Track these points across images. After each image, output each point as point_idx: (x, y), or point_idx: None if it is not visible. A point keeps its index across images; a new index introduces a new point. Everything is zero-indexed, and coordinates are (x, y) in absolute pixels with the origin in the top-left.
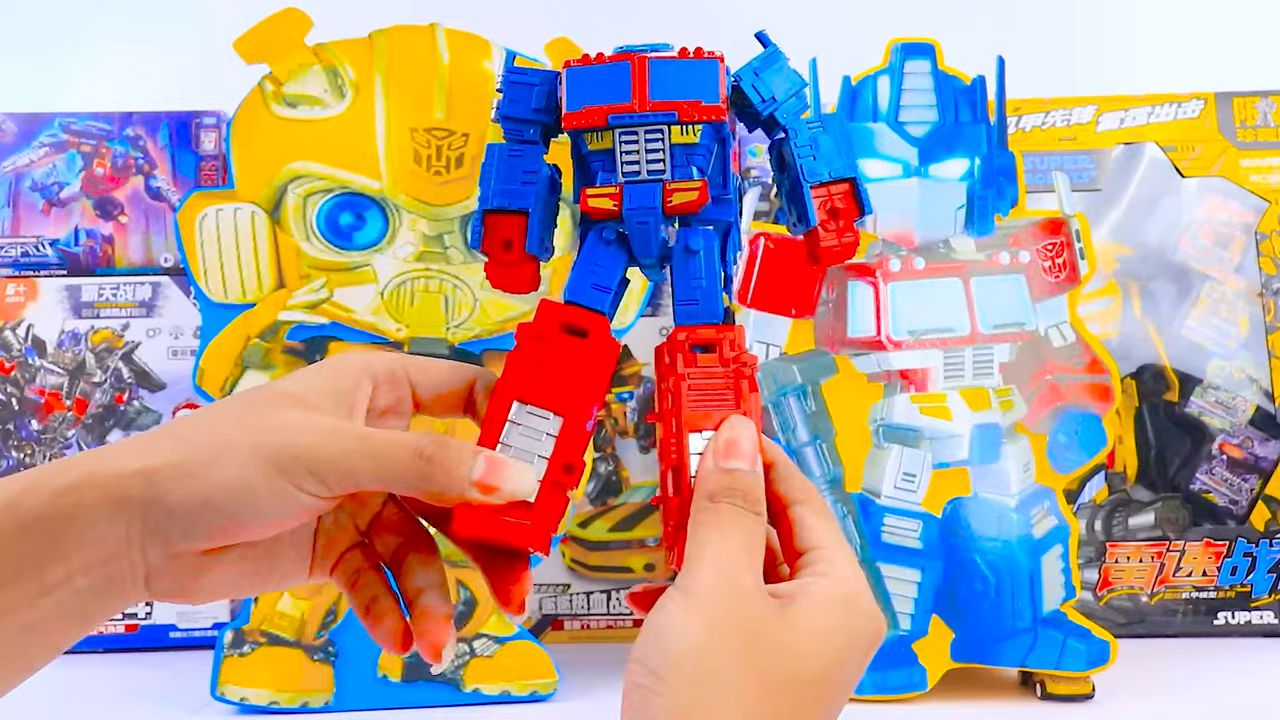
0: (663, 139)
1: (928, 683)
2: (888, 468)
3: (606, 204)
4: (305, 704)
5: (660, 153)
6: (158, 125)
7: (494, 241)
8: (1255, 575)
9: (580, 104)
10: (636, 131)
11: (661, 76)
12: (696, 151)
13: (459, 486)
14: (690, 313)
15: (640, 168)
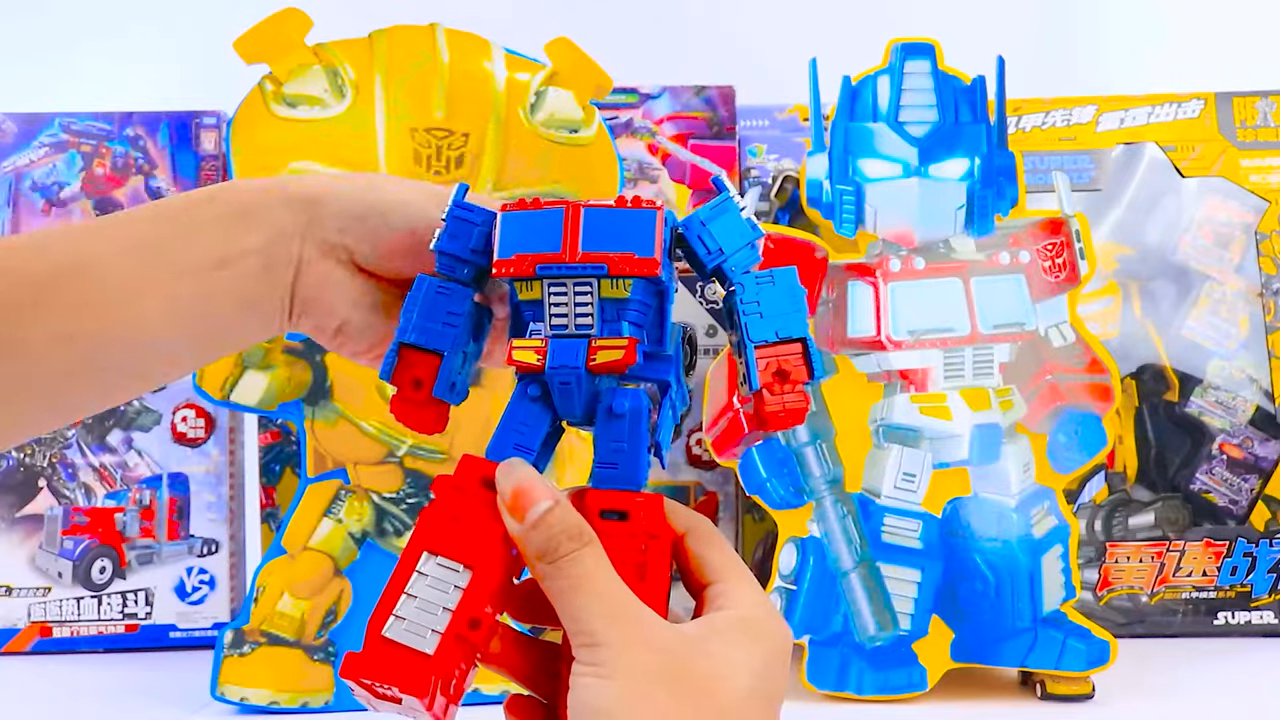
0: (592, 292)
1: (928, 683)
2: (888, 468)
3: (531, 358)
4: (305, 704)
5: (589, 306)
6: (158, 125)
7: (404, 377)
8: (1255, 575)
9: (511, 251)
10: (565, 283)
11: (595, 226)
12: (628, 306)
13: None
14: (608, 476)
15: (569, 321)
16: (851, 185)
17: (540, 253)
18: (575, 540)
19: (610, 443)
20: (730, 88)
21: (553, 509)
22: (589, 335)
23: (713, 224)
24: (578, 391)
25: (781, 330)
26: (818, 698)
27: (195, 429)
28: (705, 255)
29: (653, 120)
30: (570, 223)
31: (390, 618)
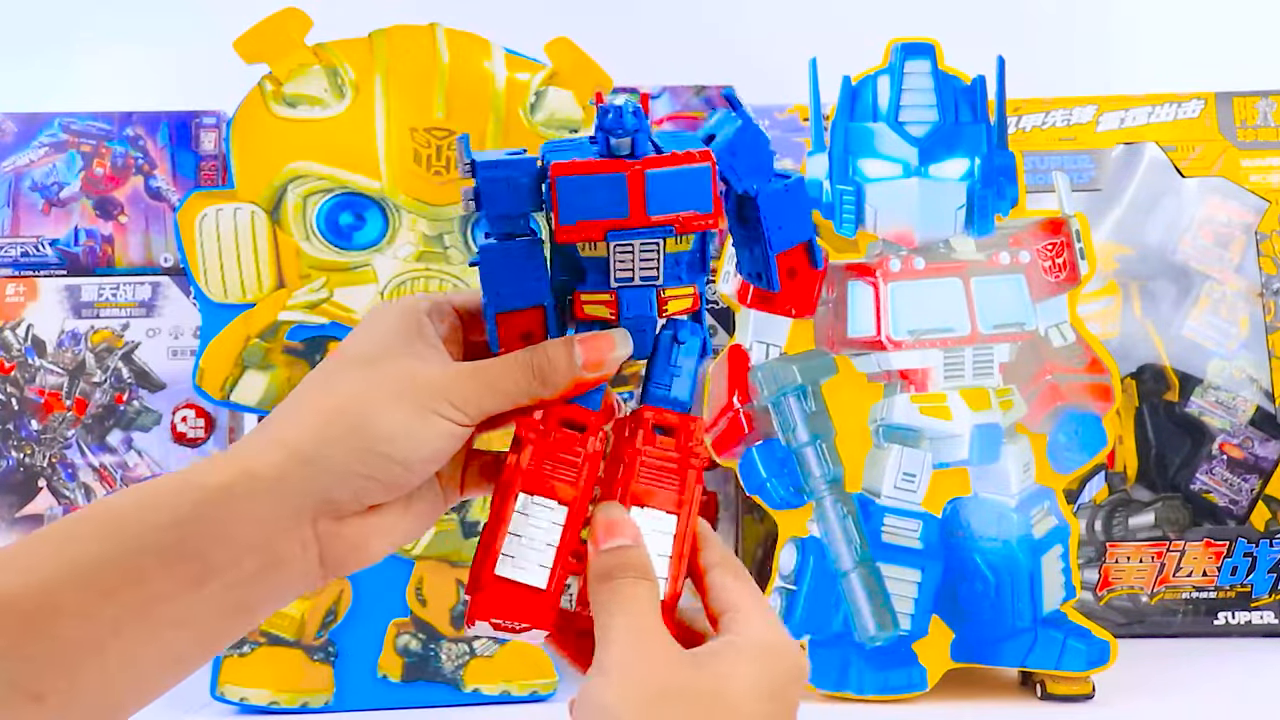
0: (658, 249)
1: (928, 683)
2: (888, 468)
3: (603, 311)
4: (305, 704)
5: (654, 261)
6: (157, 125)
7: (512, 337)
8: (1255, 575)
9: (575, 218)
10: (632, 244)
11: (659, 190)
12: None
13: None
14: (661, 397)
15: (633, 273)
16: (851, 185)
17: (608, 218)
18: (637, 571)
19: (668, 366)
20: (730, 88)
21: (630, 548)
22: (655, 285)
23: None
24: (651, 333)
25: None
26: (818, 698)
27: (195, 429)
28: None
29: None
30: (635, 188)
31: (500, 556)
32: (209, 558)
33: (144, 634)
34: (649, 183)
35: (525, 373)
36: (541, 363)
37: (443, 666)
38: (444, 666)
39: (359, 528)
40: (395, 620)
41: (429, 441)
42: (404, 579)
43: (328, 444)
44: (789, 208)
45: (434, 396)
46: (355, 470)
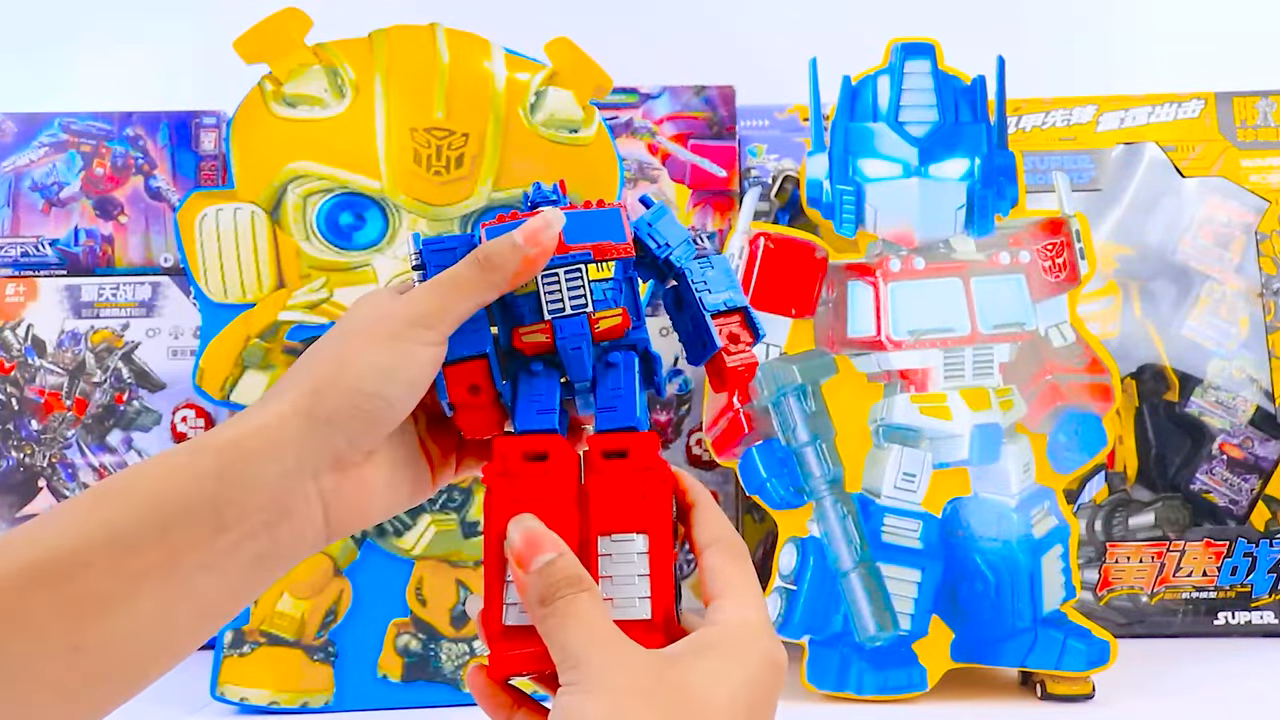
0: (581, 276)
1: (928, 683)
2: (888, 468)
3: (540, 338)
4: (305, 704)
5: (581, 288)
6: (158, 125)
7: (459, 391)
8: (1255, 575)
9: None
10: (556, 273)
11: (575, 225)
12: (610, 285)
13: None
14: (609, 418)
15: (563, 304)
16: (851, 185)
17: None
18: (574, 586)
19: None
20: (730, 88)
21: (555, 560)
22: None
23: (657, 224)
24: (588, 355)
25: (728, 302)
26: (818, 698)
27: (195, 429)
28: (656, 249)
29: (653, 120)
30: None
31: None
32: (223, 512)
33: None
34: (567, 220)
35: (475, 268)
36: (487, 253)
37: (443, 666)
38: (444, 666)
39: (359, 479)
40: (395, 620)
41: (404, 368)
42: (404, 579)
43: (318, 395)
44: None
45: (400, 324)
46: (345, 413)
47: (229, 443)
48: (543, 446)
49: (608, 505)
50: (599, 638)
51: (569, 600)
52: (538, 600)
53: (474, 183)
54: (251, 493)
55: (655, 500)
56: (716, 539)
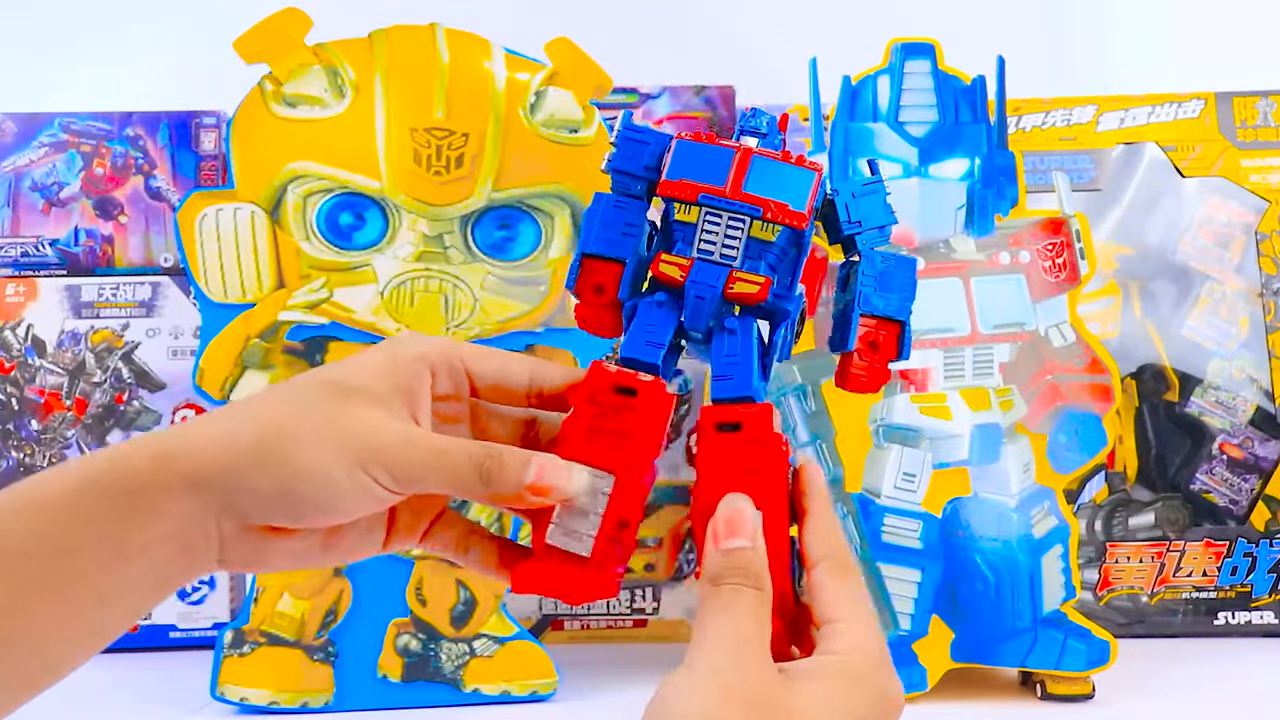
0: (743, 229)
1: (928, 683)
2: (888, 468)
3: (675, 272)
4: (305, 704)
5: (737, 241)
6: (158, 125)
7: (587, 285)
8: (1255, 575)
9: (679, 175)
10: (721, 215)
11: (760, 173)
12: (771, 249)
13: (514, 491)
14: (723, 386)
15: (715, 249)
16: None
17: (706, 183)
18: (749, 580)
19: (725, 356)
20: (730, 88)
21: (748, 548)
22: (731, 266)
23: (863, 199)
24: (708, 309)
25: (888, 308)
26: None
27: None
28: (845, 223)
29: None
30: (739, 164)
31: (550, 524)
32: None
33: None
34: (753, 164)
35: (470, 468)
36: (492, 466)
37: (443, 666)
38: (444, 666)
39: (261, 541)
40: (395, 620)
41: (349, 495)
42: (404, 579)
43: (248, 461)
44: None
45: (369, 454)
46: (267, 495)
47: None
48: (636, 383)
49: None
50: (738, 632)
51: (735, 590)
52: (710, 576)
53: (474, 183)
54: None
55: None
56: (830, 554)
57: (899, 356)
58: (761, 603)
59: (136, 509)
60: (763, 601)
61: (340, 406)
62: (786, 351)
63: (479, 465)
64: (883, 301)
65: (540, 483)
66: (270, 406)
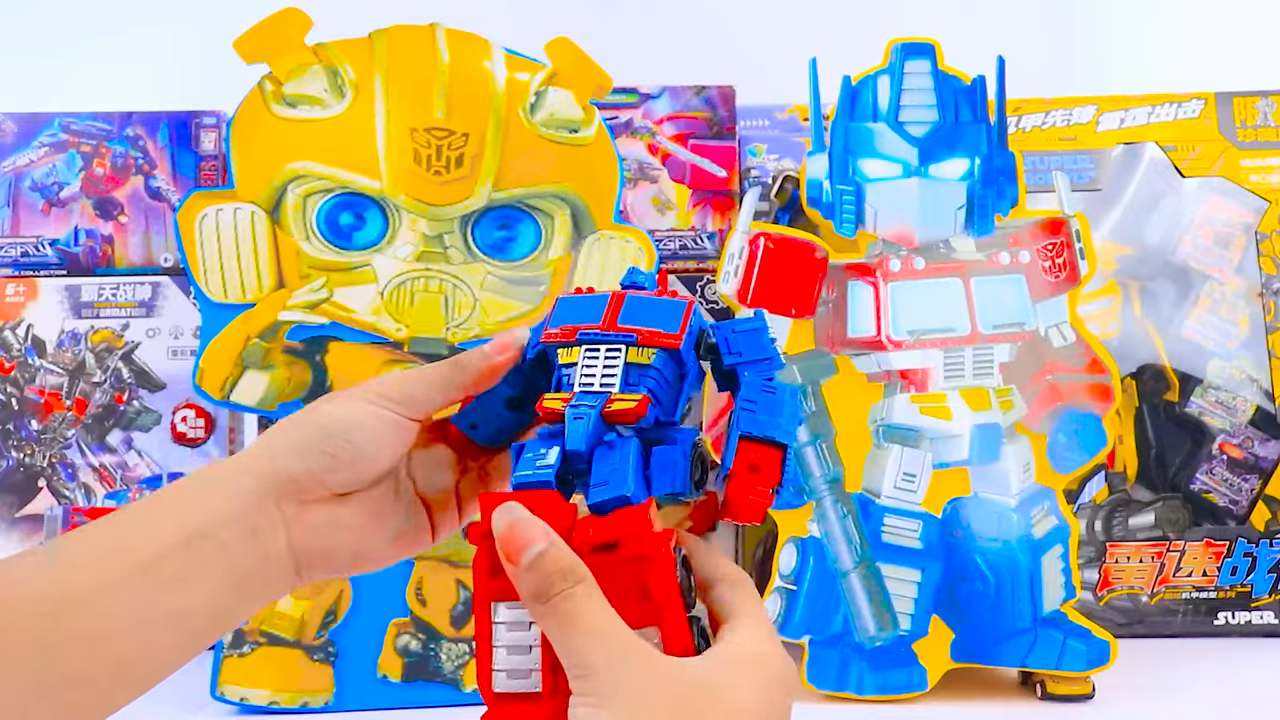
0: (620, 357)
1: (928, 683)
2: (888, 468)
3: (558, 404)
4: (305, 704)
5: (615, 369)
6: (158, 125)
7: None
8: (1255, 575)
9: (559, 324)
10: (599, 349)
11: (633, 308)
12: (648, 372)
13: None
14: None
15: (595, 379)
16: (851, 185)
17: (583, 324)
18: (567, 579)
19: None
20: (730, 88)
21: (546, 551)
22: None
23: (740, 334)
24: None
25: (769, 431)
26: (818, 698)
27: (195, 429)
28: (725, 354)
29: (653, 120)
30: (614, 303)
31: (493, 674)
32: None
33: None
34: (626, 302)
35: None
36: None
37: (443, 666)
38: (444, 666)
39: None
40: (395, 620)
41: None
42: (404, 579)
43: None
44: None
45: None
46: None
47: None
48: (532, 503)
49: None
50: (606, 643)
51: (565, 597)
52: (532, 597)
53: (474, 183)
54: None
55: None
56: (723, 575)
57: (781, 483)
58: (591, 591)
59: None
60: (592, 590)
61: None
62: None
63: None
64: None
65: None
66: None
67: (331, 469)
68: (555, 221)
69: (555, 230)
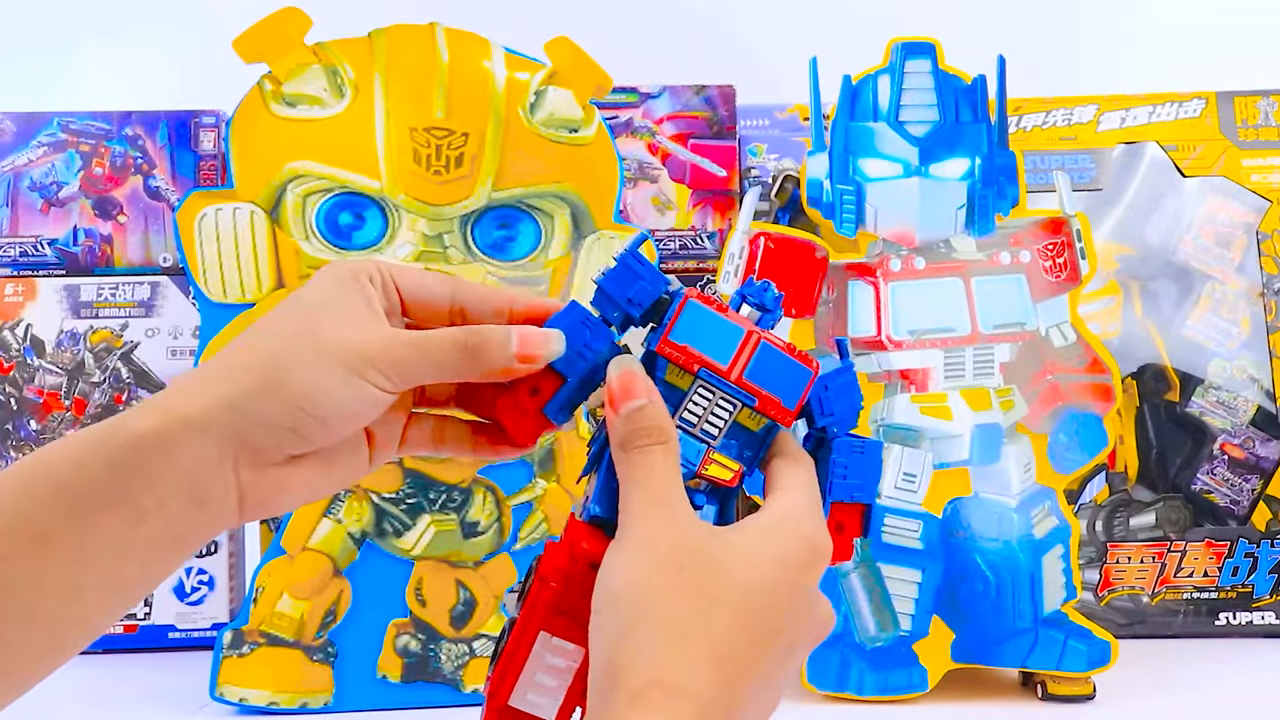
0: (731, 413)
1: (928, 683)
2: (888, 468)
3: None
4: (305, 704)
5: (723, 422)
6: (157, 125)
7: (525, 383)
8: (1256, 576)
9: (683, 340)
10: (714, 393)
11: (763, 362)
12: (751, 439)
13: (503, 363)
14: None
15: (698, 423)
16: (852, 185)
17: (710, 358)
18: (651, 437)
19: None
20: (730, 87)
21: (644, 407)
22: (709, 444)
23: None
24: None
25: (856, 495)
26: (818, 698)
27: None
28: (819, 416)
29: (653, 120)
30: (746, 347)
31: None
32: (139, 501)
33: (86, 570)
34: (759, 351)
35: (459, 350)
36: (477, 343)
37: (442, 667)
38: (444, 667)
39: (277, 477)
40: (395, 620)
41: (349, 403)
42: (404, 579)
43: (252, 396)
44: (860, 463)
45: (361, 361)
46: (276, 422)
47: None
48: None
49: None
50: (656, 499)
51: (643, 451)
52: (618, 444)
53: (474, 182)
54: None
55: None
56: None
57: (864, 535)
58: (669, 453)
59: (145, 467)
60: (670, 452)
61: (320, 325)
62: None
63: (464, 345)
64: (849, 489)
65: (526, 350)
66: (255, 345)
67: (296, 444)
68: (555, 221)
69: (555, 230)
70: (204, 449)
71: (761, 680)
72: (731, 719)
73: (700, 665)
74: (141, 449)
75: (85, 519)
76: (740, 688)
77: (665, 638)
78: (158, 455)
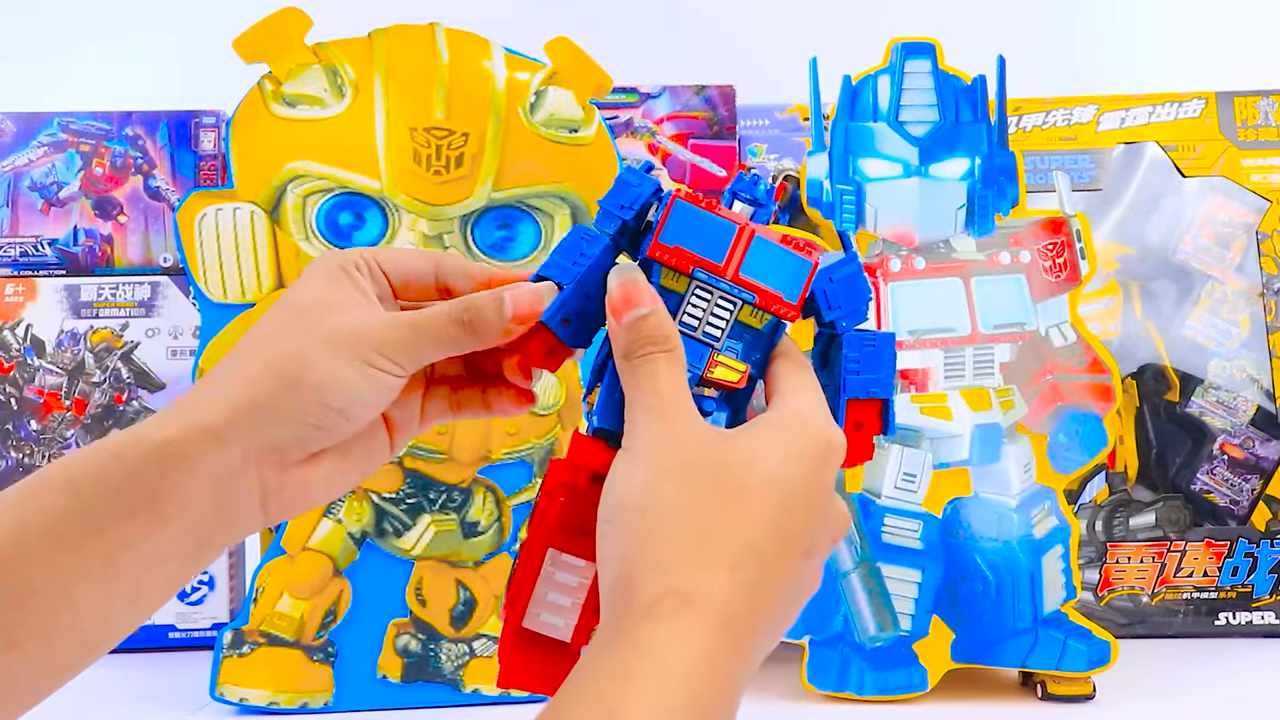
0: (732, 312)
1: (928, 683)
2: (888, 468)
3: None
4: (305, 704)
5: (724, 322)
6: (157, 125)
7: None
8: (1256, 576)
9: (674, 241)
10: (712, 292)
11: (759, 256)
12: (757, 341)
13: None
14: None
15: (699, 325)
16: (852, 185)
17: (703, 257)
18: (656, 345)
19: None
20: (730, 88)
21: (648, 315)
22: (712, 346)
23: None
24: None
25: (872, 390)
26: (818, 698)
27: None
28: (825, 310)
29: (653, 120)
30: (740, 242)
31: (528, 609)
32: (162, 508)
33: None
34: (753, 244)
35: (455, 324)
36: (471, 315)
37: (443, 667)
38: (444, 667)
39: (301, 475)
40: (395, 620)
41: (365, 391)
42: (404, 579)
43: (271, 397)
44: (873, 357)
45: (368, 348)
46: (300, 420)
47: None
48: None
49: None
50: (661, 405)
51: (648, 359)
52: (623, 354)
53: (474, 182)
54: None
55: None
56: (784, 353)
57: (884, 432)
58: (673, 362)
59: (168, 476)
60: (674, 360)
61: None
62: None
63: (458, 320)
64: (864, 385)
65: (519, 312)
66: (265, 347)
67: (317, 439)
68: (555, 221)
69: (555, 230)
70: (227, 456)
71: (783, 583)
72: (755, 625)
73: (718, 570)
74: (164, 459)
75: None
76: (761, 592)
77: (679, 544)
78: (181, 464)
